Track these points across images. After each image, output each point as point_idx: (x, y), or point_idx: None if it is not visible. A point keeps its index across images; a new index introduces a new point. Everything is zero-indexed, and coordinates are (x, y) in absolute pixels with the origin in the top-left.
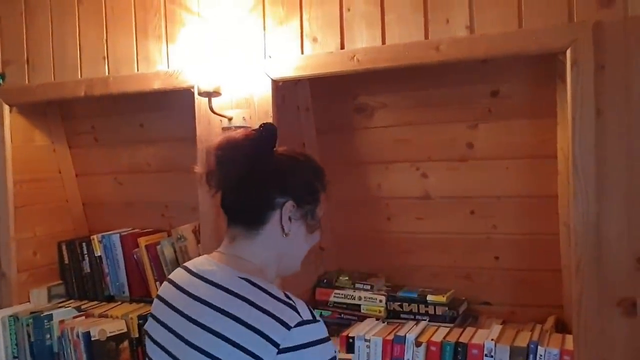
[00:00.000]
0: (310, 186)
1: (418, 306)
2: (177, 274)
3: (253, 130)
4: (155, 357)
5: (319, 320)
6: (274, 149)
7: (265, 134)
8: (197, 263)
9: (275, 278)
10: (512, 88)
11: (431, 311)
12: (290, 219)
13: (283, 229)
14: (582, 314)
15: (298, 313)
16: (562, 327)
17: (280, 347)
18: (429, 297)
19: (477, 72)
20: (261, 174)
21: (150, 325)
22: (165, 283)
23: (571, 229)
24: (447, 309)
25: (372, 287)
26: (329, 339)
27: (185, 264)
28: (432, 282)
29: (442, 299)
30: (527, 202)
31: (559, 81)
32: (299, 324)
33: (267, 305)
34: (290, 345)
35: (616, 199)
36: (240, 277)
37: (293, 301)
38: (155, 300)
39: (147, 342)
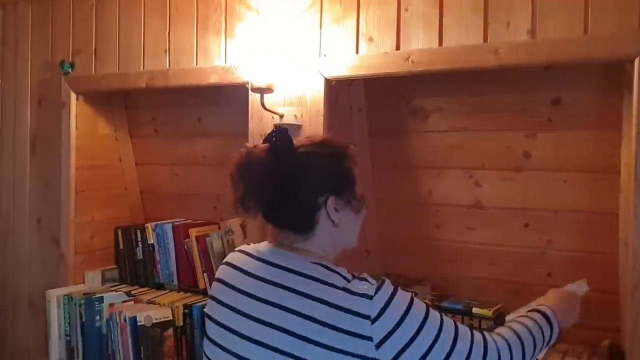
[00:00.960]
0: (340, 172)
1: (462, 318)
2: (237, 258)
3: (265, 140)
4: (219, 339)
5: (384, 279)
6: (294, 150)
7: (279, 141)
8: (259, 248)
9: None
10: (574, 97)
11: (476, 324)
12: (336, 209)
13: (333, 222)
14: (636, 340)
15: (370, 283)
16: (617, 352)
17: (372, 317)
18: (475, 310)
19: (538, 79)
20: (291, 181)
21: (211, 307)
22: (223, 267)
23: (629, 249)
24: (492, 323)
25: (416, 294)
26: (397, 287)
27: (244, 249)
28: (479, 294)
29: (488, 312)
30: (585, 219)
31: (626, 92)
32: (376, 291)
33: (344, 285)
34: (379, 310)
35: None
36: (312, 262)
37: (361, 275)
38: (215, 283)
39: (208, 324)
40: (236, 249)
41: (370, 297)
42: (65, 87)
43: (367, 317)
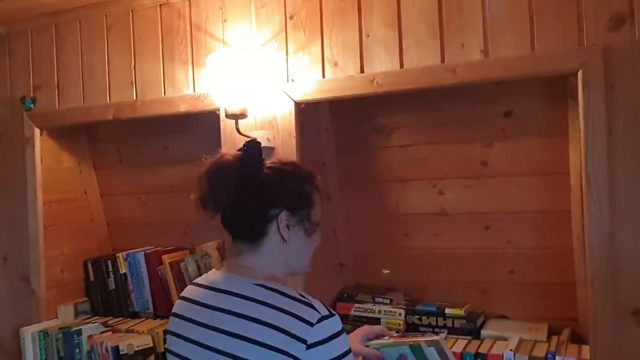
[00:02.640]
0: (300, 192)
1: (436, 319)
2: (190, 291)
3: (239, 150)
4: None
5: (334, 314)
6: (262, 164)
7: (250, 152)
8: (209, 278)
9: (287, 279)
10: (524, 108)
11: (449, 324)
12: (288, 226)
13: (282, 237)
14: (598, 326)
15: (316, 310)
16: (577, 339)
17: (308, 342)
18: (447, 310)
19: (491, 94)
20: (252, 189)
21: (170, 341)
22: (178, 301)
23: (586, 244)
24: (465, 321)
25: (391, 301)
26: (344, 330)
27: (195, 281)
28: (449, 296)
29: (460, 312)
30: (541, 218)
31: (570, 101)
32: (320, 320)
33: (286, 306)
34: (317, 339)
35: (629, 212)
36: (255, 284)
37: (308, 299)
38: (171, 318)
39: (170, 357)
40: (191, 283)
41: (311, 324)
42: (28, 123)
43: (303, 341)
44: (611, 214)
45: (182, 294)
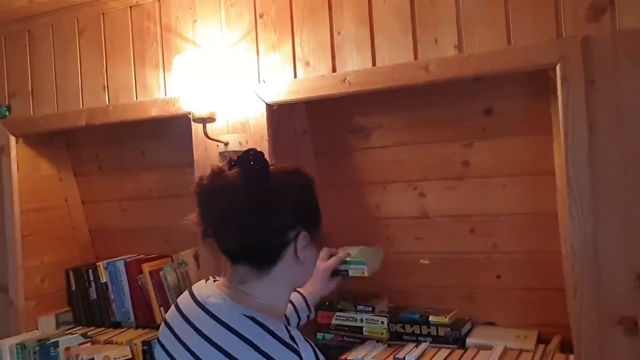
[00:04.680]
0: (312, 206)
1: (420, 327)
2: (184, 300)
3: (233, 163)
4: None
5: (319, 358)
6: (269, 178)
7: (256, 165)
8: (203, 292)
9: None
10: (505, 106)
11: (434, 332)
12: (303, 246)
13: (298, 259)
14: (582, 334)
15: (300, 357)
16: (567, 348)
17: None
18: (431, 318)
19: (469, 91)
20: (264, 211)
21: (157, 352)
22: (172, 308)
23: (568, 247)
24: (449, 329)
25: (373, 308)
26: None
27: (192, 289)
28: (435, 302)
29: (444, 319)
30: (527, 220)
31: (552, 97)
32: None
33: (268, 349)
34: None
35: (613, 215)
36: (245, 315)
37: (297, 344)
38: (162, 326)
39: None
40: (190, 287)
41: None
42: (3, 130)
43: None
44: (594, 216)
45: (178, 300)
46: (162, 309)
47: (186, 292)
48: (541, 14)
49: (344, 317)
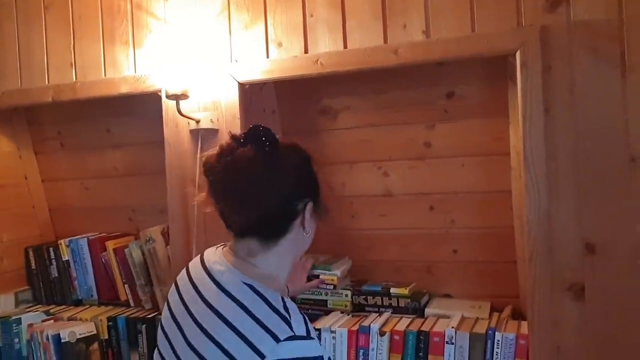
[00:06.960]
0: (315, 177)
1: (382, 299)
2: (194, 264)
3: (240, 138)
4: (162, 347)
5: (312, 338)
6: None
7: (267, 140)
8: (211, 258)
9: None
10: (466, 90)
11: (394, 303)
12: (310, 216)
13: (304, 229)
14: (535, 300)
15: (291, 327)
16: (518, 316)
17: (265, 358)
18: (392, 290)
19: (433, 75)
20: (278, 184)
21: (164, 313)
22: (183, 270)
23: (524, 221)
24: (409, 300)
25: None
26: (322, 358)
27: (204, 253)
28: (395, 276)
29: (404, 291)
30: (483, 198)
31: (510, 82)
32: (288, 338)
33: (261, 316)
34: (276, 358)
35: (565, 189)
36: (245, 283)
37: (289, 314)
38: (172, 287)
39: (159, 330)
40: (202, 252)
41: (277, 340)
42: None
43: (262, 356)
44: (548, 191)
45: (189, 265)
46: (126, 286)
47: (198, 256)
48: (503, 4)
49: (309, 291)
